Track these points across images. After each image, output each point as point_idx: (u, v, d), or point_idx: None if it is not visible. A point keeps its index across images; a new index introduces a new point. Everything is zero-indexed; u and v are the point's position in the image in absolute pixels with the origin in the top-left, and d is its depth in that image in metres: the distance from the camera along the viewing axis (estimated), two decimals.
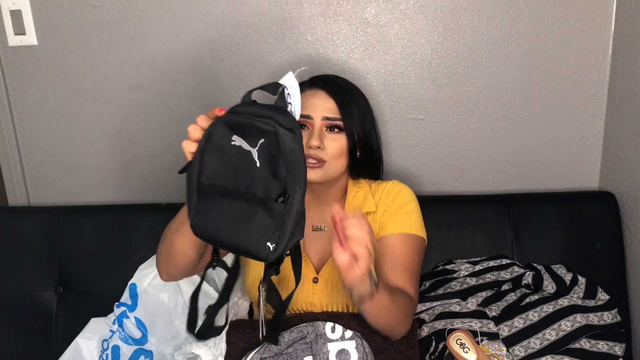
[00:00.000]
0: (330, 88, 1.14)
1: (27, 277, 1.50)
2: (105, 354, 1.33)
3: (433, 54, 1.51)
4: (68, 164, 1.63)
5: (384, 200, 1.20)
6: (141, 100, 1.57)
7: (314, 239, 1.21)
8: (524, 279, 1.37)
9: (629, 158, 1.44)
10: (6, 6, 1.50)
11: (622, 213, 1.46)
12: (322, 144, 1.10)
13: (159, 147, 1.60)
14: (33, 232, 1.51)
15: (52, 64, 1.55)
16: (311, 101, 1.13)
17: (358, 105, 1.15)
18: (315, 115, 1.11)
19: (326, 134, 1.12)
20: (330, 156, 1.12)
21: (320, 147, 1.10)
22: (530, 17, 1.47)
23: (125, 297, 1.39)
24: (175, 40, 1.52)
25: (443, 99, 1.54)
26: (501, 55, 1.50)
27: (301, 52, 1.52)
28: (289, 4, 1.49)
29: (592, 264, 1.43)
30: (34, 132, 1.62)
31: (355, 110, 1.14)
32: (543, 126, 1.55)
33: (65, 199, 1.65)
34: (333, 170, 1.13)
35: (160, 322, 1.36)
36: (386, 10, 1.49)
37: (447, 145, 1.57)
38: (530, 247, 1.45)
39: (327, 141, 1.11)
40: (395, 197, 1.20)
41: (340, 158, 1.13)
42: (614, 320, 1.33)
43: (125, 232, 1.50)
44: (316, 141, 1.09)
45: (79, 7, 1.51)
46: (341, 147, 1.13)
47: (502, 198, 1.51)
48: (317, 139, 1.10)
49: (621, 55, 1.45)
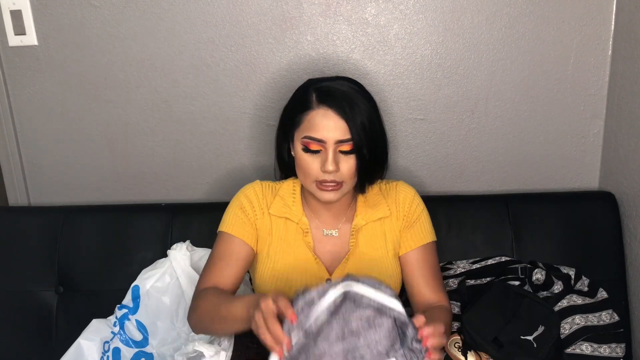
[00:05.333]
0: (339, 106, 1.11)
1: (27, 277, 1.50)
2: (106, 355, 1.33)
3: (433, 54, 1.51)
4: (68, 164, 1.63)
5: (401, 207, 1.23)
6: (141, 100, 1.57)
7: (324, 242, 1.22)
8: (534, 275, 1.37)
9: (629, 158, 1.44)
10: (6, 6, 1.50)
11: (622, 213, 1.46)
12: (337, 167, 1.11)
13: (159, 147, 1.60)
14: (33, 232, 1.51)
15: (52, 64, 1.55)
16: (323, 123, 1.11)
17: (365, 116, 1.13)
18: (329, 139, 1.11)
19: (340, 156, 1.12)
20: (345, 177, 1.13)
21: (336, 170, 1.11)
22: (530, 17, 1.47)
23: (127, 300, 1.39)
24: (175, 40, 1.52)
25: (443, 99, 1.54)
26: (501, 55, 1.50)
27: (301, 52, 1.52)
28: (289, 4, 1.49)
29: (592, 264, 1.43)
30: (34, 132, 1.62)
31: (363, 123, 1.12)
32: (543, 126, 1.55)
33: (65, 199, 1.65)
34: (348, 188, 1.15)
35: (162, 325, 1.37)
36: (386, 10, 1.49)
37: (447, 145, 1.57)
38: (530, 247, 1.46)
39: (341, 163, 1.12)
40: (410, 207, 1.23)
41: (354, 176, 1.15)
42: (612, 321, 1.34)
43: (125, 232, 1.50)
44: (333, 166, 1.10)
45: (79, 7, 1.51)
46: (354, 166, 1.13)
47: (502, 198, 1.51)
48: (334, 163, 1.10)
49: (621, 55, 1.45)
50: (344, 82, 1.17)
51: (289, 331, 0.90)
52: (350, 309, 0.93)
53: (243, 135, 1.58)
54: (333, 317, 0.93)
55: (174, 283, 1.38)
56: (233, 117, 1.57)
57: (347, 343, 0.93)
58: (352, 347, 0.93)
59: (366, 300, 0.92)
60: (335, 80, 1.17)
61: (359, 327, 0.93)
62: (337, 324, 0.93)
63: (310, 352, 0.92)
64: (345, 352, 0.92)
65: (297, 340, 0.90)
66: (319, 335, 0.92)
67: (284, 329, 0.90)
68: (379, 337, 0.93)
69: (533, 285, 1.38)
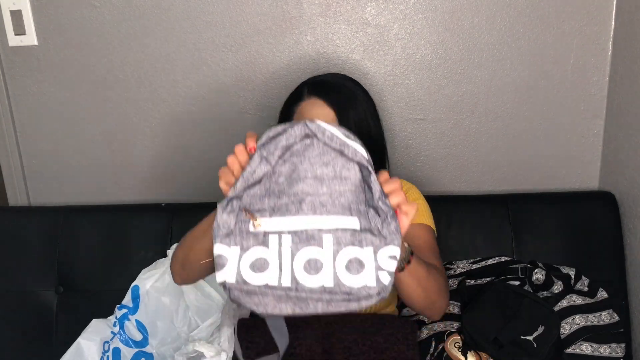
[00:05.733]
0: (328, 97, 1.13)
1: (27, 277, 1.50)
2: (106, 355, 1.33)
3: (433, 54, 1.51)
4: (68, 164, 1.63)
5: None
6: (141, 100, 1.57)
7: None
8: (534, 275, 1.37)
9: (629, 158, 1.44)
10: (6, 6, 1.50)
11: (622, 213, 1.46)
12: None
13: (159, 147, 1.60)
14: (33, 232, 1.51)
15: (52, 64, 1.55)
16: (312, 112, 1.12)
17: (357, 109, 1.14)
18: None
19: None
20: None
21: None
22: (530, 17, 1.47)
23: (127, 300, 1.39)
24: (175, 40, 1.52)
25: (443, 99, 1.54)
26: (501, 55, 1.50)
27: (301, 52, 1.52)
28: (289, 4, 1.49)
29: (592, 264, 1.43)
30: (34, 132, 1.62)
31: (354, 116, 1.13)
32: (543, 126, 1.55)
33: (65, 199, 1.65)
34: None
35: (162, 325, 1.36)
36: (386, 10, 1.49)
37: (447, 145, 1.57)
38: (530, 247, 1.46)
39: None
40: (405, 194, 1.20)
41: None
42: (612, 321, 1.34)
43: (125, 232, 1.50)
44: None
45: (79, 7, 1.51)
46: None
47: (502, 198, 1.51)
48: None
49: (621, 55, 1.45)
50: (338, 76, 1.18)
51: (253, 161, 0.88)
52: (315, 151, 0.87)
53: (243, 135, 1.57)
54: (297, 157, 0.88)
55: (174, 283, 1.38)
56: (233, 117, 1.57)
57: (308, 185, 0.87)
58: (314, 192, 0.87)
59: (334, 143, 0.86)
60: (330, 75, 1.18)
61: (322, 174, 0.87)
62: (301, 165, 0.88)
63: (271, 189, 0.88)
64: (306, 194, 0.87)
65: (259, 173, 0.87)
66: (280, 176, 0.88)
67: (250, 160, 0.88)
68: (343, 189, 0.87)
69: (533, 285, 1.38)
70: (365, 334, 1.12)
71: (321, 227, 0.85)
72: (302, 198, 0.87)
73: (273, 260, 0.85)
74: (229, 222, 0.87)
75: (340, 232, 0.85)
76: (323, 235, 0.85)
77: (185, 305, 1.36)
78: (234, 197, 0.89)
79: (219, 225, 0.87)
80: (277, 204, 0.87)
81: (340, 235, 0.85)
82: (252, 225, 0.87)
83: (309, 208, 0.86)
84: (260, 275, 0.84)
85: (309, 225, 0.85)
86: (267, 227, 0.86)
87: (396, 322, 1.18)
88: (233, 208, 0.88)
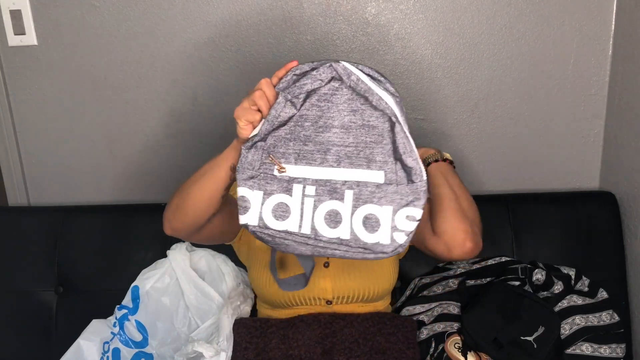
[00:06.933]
0: None
1: (27, 277, 1.50)
2: (105, 356, 1.33)
3: (433, 54, 1.51)
4: (68, 164, 1.63)
5: None
6: (141, 100, 1.57)
7: None
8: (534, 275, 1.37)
9: (629, 158, 1.44)
10: (6, 6, 1.50)
11: (622, 213, 1.46)
12: None
13: (159, 147, 1.60)
14: (33, 232, 1.51)
15: (52, 64, 1.55)
16: None
17: None
18: None
19: None
20: None
21: None
22: (530, 17, 1.47)
23: (127, 300, 1.39)
24: (175, 40, 1.52)
25: (443, 99, 1.54)
26: (501, 55, 1.50)
27: (301, 52, 1.51)
28: (289, 4, 1.48)
29: (592, 264, 1.43)
30: (34, 132, 1.62)
31: None
32: (543, 126, 1.55)
33: (65, 199, 1.65)
34: None
35: (161, 325, 1.36)
36: (386, 10, 1.49)
37: (447, 145, 1.57)
38: (531, 247, 1.45)
39: None
40: None
41: None
42: (612, 321, 1.33)
43: (125, 232, 1.50)
44: None
45: (79, 7, 1.50)
46: None
47: (502, 198, 1.51)
48: None
49: (621, 55, 1.45)
50: None
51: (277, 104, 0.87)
52: (344, 97, 0.86)
53: None
54: (324, 102, 0.87)
55: (174, 283, 1.38)
56: (233, 117, 1.56)
57: (334, 135, 0.86)
58: (340, 142, 0.86)
59: (360, 88, 0.85)
60: None
61: (350, 122, 0.86)
62: (328, 112, 0.87)
63: (296, 133, 0.87)
64: (332, 144, 0.86)
65: (283, 116, 0.87)
66: (307, 120, 0.87)
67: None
68: (369, 139, 0.86)
69: (533, 286, 1.37)
70: (366, 334, 1.12)
71: (345, 180, 0.86)
72: (327, 148, 0.86)
73: (295, 209, 0.87)
74: (254, 163, 0.88)
75: (362, 186, 0.86)
76: (345, 190, 0.86)
77: (185, 305, 1.36)
78: (258, 140, 0.88)
79: (243, 166, 0.88)
80: (302, 150, 0.87)
81: (361, 190, 0.86)
82: (277, 170, 0.87)
83: (334, 160, 0.86)
84: (282, 223, 0.87)
85: (332, 177, 0.86)
86: (291, 173, 0.87)
87: (396, 322, 1.19)
88: (257, 150, 0.88)
